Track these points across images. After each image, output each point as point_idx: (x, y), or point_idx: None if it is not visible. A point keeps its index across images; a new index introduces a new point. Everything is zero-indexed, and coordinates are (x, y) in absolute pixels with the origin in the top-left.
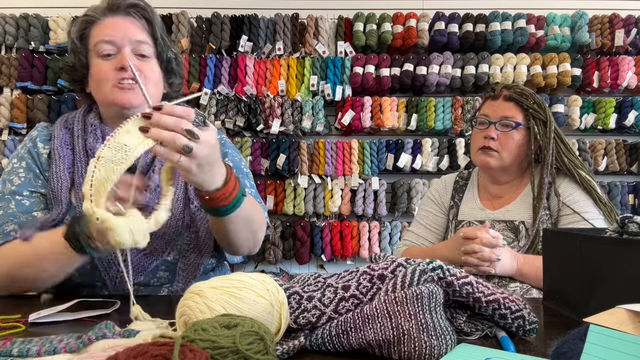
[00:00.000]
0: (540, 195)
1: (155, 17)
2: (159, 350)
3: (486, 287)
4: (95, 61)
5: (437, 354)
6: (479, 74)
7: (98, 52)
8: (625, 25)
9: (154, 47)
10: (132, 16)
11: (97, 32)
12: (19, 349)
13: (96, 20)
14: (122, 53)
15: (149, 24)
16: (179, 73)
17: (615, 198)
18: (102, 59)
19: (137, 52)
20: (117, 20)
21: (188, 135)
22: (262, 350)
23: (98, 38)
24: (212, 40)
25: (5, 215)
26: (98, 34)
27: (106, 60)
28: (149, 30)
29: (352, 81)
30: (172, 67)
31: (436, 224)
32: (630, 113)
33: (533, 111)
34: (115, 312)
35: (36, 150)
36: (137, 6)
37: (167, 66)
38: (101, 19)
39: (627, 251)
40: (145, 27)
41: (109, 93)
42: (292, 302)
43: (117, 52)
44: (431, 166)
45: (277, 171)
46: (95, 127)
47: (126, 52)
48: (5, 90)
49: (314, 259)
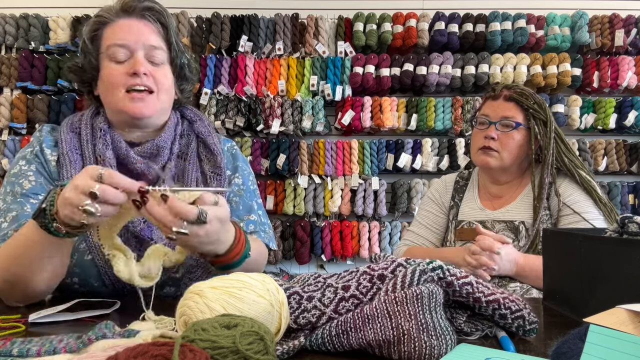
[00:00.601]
0: (541, 195)
1: (171, 22)
2: (159, 350)
3: (486, 287)
4: (106, 64)
5: (437, 354)
6: (479, 74)
7: (110, 56)
8: (625, 25)
9: (167, 52)
10: (147, 19)
11: (110, 35)
12: (19, 349)
13: (109, 21)
14: (135, 58)
15: (164, 29)
16: (191, 79)
17: (615, 198)
18: (113, 62)
19: (150, 58)
20: (131, 22)
21: (177, 234)
22: (262, 350)
23: (111, 41)
24: (212, 40)
25: (22, 216)
26: (111, 36)
27: (118, 65)
28: (163, 34)
29: (352, 81)
30: (185, 73)
31: (436, 224)
32: (630, 113)
33: (533, 111)
34: (115, 312)
35: (44, 157)
36: (152, 9)
37: (180, 72)
38: (114, 21)
39: (627, 251)
40: (160, 32)
41: (120, 101)
42: (292, 302)
43: (129, 57)
44: (431, 166)
45: (277, 171)
46: (104, 132)
47: (139, 58)
48: (5, 90)
49: (314, 259)
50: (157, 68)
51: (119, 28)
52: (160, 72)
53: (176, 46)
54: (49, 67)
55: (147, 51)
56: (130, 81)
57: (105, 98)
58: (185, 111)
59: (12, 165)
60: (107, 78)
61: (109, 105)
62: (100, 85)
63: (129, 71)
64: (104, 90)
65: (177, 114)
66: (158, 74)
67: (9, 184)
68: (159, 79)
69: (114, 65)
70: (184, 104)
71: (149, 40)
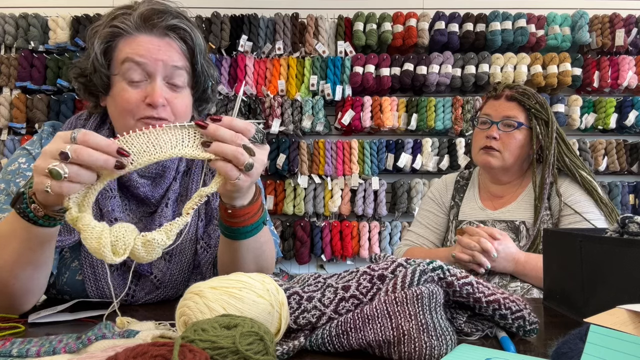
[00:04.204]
0: (542, 195)
1: (198, 42)
2: (158, 351)
3: (486, 287)
4: (119, 85)
5: (438, 354)
6: (479, 73)
7: (124, 74)
8: (625, 25)
9: (191, 75)
10: (171, 38)
11: (126, 49)
12: (19, 349)
13: (125, 34)
14: (153, 84)
15: (189, 50)
16: (212, 100)
17: (615, 198)
18: (127, 83)
19: (170, 80)
20: (151, 39)
21: (246, 150)
22: (262, 350)
23: (126, 55)
24: (212, 40)
25: None
26: (127, 50)
27: (133, 87)
28: (188, 56)
29: (352, 81)
30: (207, 95)
31: (437, 224)
32: (630, 113)
33: (535, 111)
34: (115, 312)
35: None
36: (178, 28)
37: (201, 95)
38: (132, 35)
39: (627, 251)
40: (185, 53)
41: (132, 127)
42: (292, 303)
43: (146, 78)
44: (431, 166)
45: (277, 171)
46: None
47: (157, 85)
48: (5, 90)
49: (314, 259)
50: (176, 94)
51: (136, 43)
52: (179, 99)
53: (201, 69)
54: (49, 67)
55: (167, 73)
56: (146, 112)
57: (115, 119)
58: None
59: (11, 161)
60: (119, 100)
61: (118, 127)
62: (110, 102)
63: (145, 100)
64: (115, 111)
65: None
66: (176, 101)
67: (4, 182)
68: (177, 107)
69: (128, 88)
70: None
71: (170, 59)
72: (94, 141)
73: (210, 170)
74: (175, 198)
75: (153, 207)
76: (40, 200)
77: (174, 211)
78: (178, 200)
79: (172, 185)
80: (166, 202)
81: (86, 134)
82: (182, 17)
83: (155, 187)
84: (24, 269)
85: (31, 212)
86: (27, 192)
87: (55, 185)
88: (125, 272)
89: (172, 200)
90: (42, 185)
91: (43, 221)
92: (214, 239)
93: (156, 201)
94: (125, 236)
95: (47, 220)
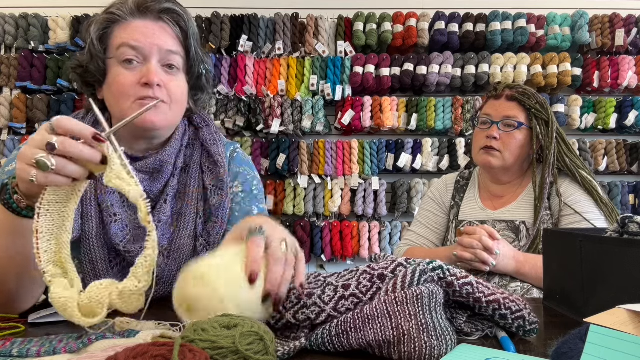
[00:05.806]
0: (542, 195)
1: (191, 25)
2: (158, 351)
3: (486, 287)
4: (115, 69)
5: (438, 354)
6: (479, 73)
7: (120, 58)
8: (625, 25)
9: (185, 59)
10: (165, 22)
11: (121, 34)
12: (19, 349)
13: (121, 20)
14: (148, 65)
15: (182, 33)
16: (207, 89)
17: (615, 198)
18: (123, 67)
19: (165, 63)
20: (146, 24)
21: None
22: (262, 350)
23: (122, 40)
24: (212, 40)
25: None
26: (122, 35)
27: (128, 70)
28: (182, 40)
29: (352, 81)
30: (202, 83)
31: (437, 224)
32: (630, 113)
33: (535, 111)
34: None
35: None
36: (171, 11)
37: (196, 82)
38: (127, 20)
39: (627, 251)
40: (179, 36)
41: (129, 110)
42: (292, 297)
43: (141, 62)
44: (431, 166)
45: (277, 171)
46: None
47: (153, 66)
48: (5, 90)
49: (314, 259)
50: (171, 77)
51: (132, 29)
52: (175, 81)
53: (195, 54)
54: (49, 67)
55: (162, 57)
56: (142, 92)
57: (113, 107)
58: (193, 117)
59: (9, 161)
60: (115, 85)
61: (116, 114)
62: (107, 90)
63: (140, 80)
64: (111, 97)
65: (184, 122)
66: (172, 84)
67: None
68: (172, 90)
69: (124, 71)
70: (195, 115)
71: (165, 44)
72: (69, 125)
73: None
74: (174, 194)
75: (152, 202)
76: (23, 190)
77: (172, 208)
78: (176, 197)
79: (170, 181)
80: (165, 198)
81: (60, 119)
82: (175, 1)
83: (154, 182)
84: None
85: (14, 203)
86: (10, 183)
87: (41, 176)
88: (124, 267)
89: (171, 197)
90: (26, 174)
91: (27, 212)
92: (214, 236)
93: (155, 196)
94: (99, 295)
95: (31, 212)
